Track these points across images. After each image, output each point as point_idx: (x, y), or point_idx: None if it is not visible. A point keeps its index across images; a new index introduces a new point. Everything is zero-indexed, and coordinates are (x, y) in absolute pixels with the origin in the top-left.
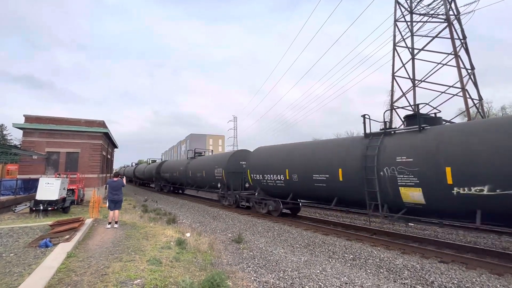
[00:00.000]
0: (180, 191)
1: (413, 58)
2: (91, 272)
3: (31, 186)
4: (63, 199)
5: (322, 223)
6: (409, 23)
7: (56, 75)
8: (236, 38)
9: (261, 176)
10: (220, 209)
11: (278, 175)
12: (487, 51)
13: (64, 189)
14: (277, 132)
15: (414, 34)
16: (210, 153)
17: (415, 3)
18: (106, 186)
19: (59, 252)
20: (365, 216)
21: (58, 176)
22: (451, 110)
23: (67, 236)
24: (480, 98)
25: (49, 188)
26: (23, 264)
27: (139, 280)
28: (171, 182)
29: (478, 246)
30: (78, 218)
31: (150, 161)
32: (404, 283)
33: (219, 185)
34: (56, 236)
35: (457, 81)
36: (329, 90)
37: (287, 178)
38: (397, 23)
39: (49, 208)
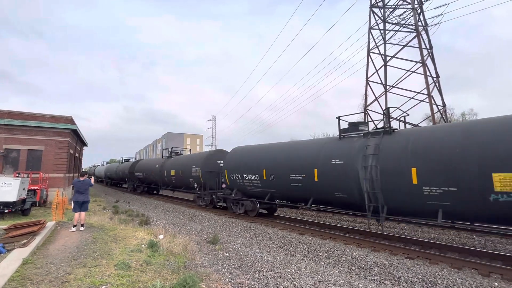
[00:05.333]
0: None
1: (385, 65)
2: (49, 279)
3: None
4: (23, 201)
5: (298, 222)
6: (382, 31)
7: (14, 65)
8: (213, 37)
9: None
10: (196, 210)
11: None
12: (452, 61)
13: (24, 189)
14: (255, 133)
15: (387, 42)
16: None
17: (388, 13)
18: (72, 187)
19: (14, 259)
20: (339, 215)
21: (17, 175)
22: (418, 115)
23: (24, 241)
24: (444, 105)
25: (6, 188)
26: None
27: (104, 287)
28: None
29: (440, 242)
30: (38, 221)
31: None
32: (374, 279)
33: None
34: (12, 241)
35: (424, 88)
36: (306, 93)
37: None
38: (372, 30)
39: (6, 211)
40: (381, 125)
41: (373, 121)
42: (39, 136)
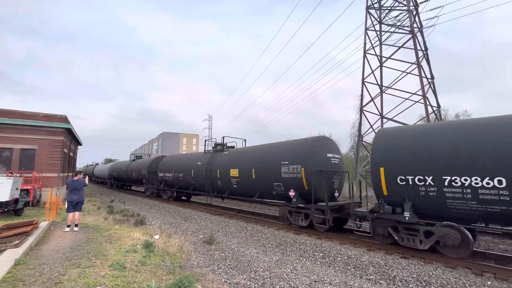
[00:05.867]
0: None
1: (381, 66)
2: (42, 280)
3: None
4: (15, 201)
5: None
6: (378, 33)
7: (8, 63)
8: (210, 36)
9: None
10: (192, 210)
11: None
12: (446, 62)
13: (17, 189)
14: (252, 133)
15: (383, 43)
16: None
17: (384, 14)
18: (66, 186)
19: (6, 260)
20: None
21: (10, 174)
22: (413, 116)
23: (17, 242)
24: (438, 106)
25: None
26: None
27: (98, 287)
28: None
29: None
30: (31, 221)
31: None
32: (369, 279)
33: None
34: (4, 241)
35: (419, 89)
36: (302, 93)
37: None
38: (368, 31)
39: None
40: (377, 125)
41: (369, 122)
42: (33, 135)
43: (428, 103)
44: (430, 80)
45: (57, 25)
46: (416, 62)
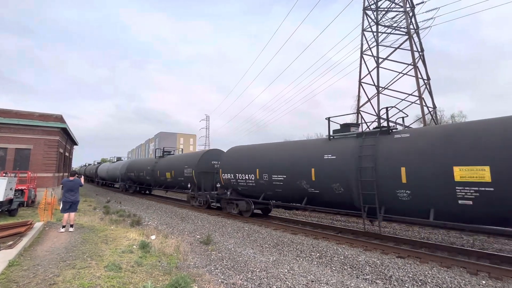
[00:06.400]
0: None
1: (378, 67)
2: (37, 282)
3: None
4: (10, 201)
5: (291, 222)
6: (375, 34)
7: (5, 63)
8: (207, 36)
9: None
10: (189, 210)
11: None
12: (442, 63)
13: (11, 189)
14: (249, 133)
15: (379, 44)
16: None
17: (381, 15)
18: (62, 186)
19: None
20: (332, 215)
21: (4, 174)
22: (409, 116)
23: (11, 242)
24: (434, 106)
25: None
26: None
27: None
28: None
29: (430, 242)
30: (26, 222)
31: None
32: (365, 279)
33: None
34: None
35: (415, 90)
36: (300, 94)
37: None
38: (365, 32)
39: None
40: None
41: (365, 122)
42: (28, 135)
43: (424, 104)
44: (426, 81)
45: (55, 24)
46: (412, 63)
